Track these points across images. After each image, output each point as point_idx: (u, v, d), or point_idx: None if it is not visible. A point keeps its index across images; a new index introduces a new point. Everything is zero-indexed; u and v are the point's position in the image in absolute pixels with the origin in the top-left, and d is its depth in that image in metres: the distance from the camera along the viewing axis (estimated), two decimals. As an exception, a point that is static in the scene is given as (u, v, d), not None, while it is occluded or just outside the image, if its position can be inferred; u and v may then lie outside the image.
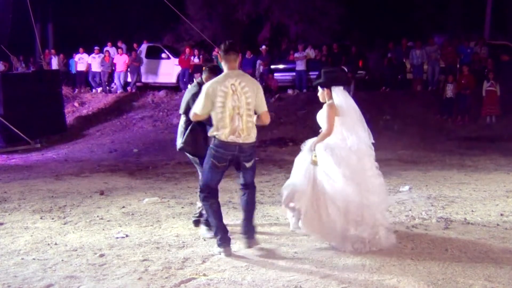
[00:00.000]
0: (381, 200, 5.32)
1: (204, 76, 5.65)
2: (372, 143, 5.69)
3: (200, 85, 5.53)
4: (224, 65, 5.10)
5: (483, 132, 14.50)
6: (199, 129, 5.50)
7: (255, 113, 5.11)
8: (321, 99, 5.50)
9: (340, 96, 5.37)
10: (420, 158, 11.49)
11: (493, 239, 5.42)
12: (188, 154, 5.83)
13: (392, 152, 12.31)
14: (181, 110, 5.73)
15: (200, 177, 5.43)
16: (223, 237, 5.06)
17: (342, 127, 5.41)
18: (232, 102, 4.91)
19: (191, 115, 5.17)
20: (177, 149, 5.82)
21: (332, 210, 5.10)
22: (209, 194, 5.12)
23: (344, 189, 5.11)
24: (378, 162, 5.58)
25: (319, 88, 5.53)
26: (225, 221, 5.23)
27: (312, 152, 5.30)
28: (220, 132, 4.93)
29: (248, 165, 5.11)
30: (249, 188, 5.22)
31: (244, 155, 5.04)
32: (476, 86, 15.74)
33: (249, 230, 5.18)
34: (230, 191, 7.85)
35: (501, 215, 6.43)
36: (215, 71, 5.55)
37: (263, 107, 5.13)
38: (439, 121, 15.70)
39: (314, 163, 5.24)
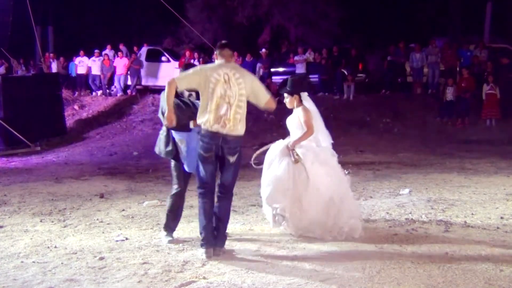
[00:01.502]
0: (352, 194, 6.03)
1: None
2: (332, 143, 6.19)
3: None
4: (219, 61, 5.13)
5: (483, 135, 14.50)
6: (167, 132, 5.44)
7: (260, 105, 5.22)
8: (289, 106, 5.86)
9: (308, 101, 5.84)
10: (420, 161, 11.48)
11: (493, 242, 5.41)
12: (172, 160, 5.59)
13: (392, 155, 12.32)
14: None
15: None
16: (207, 237, 5.03)
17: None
18: (221, 90, 4.92)
19: (168, 81, 4.96)
20: (162, 155, 5.60)
21: (316, 205, 5.53)
22: (205, 190, 5.07)
23: (329, 186, 5.59)
24: (379, 165, 5.66)
25: (285, 95, 5.85)
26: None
27: (293, 152, 5.59)
28: (205, 119, 4.93)
29: (231, 159, 5.03)
30: (226, 194, 5.14)
31: (228, 146, 4.99)
32: (476, 89, 15.76)
33: (220, 238, 5.12)
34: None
35: (501, 218, 6.42)
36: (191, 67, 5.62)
37: (265, 95, 5.18)
38: (439, 124, 15.71)
39: (297, 161, 5.54)
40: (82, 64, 20.49)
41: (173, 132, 5.44)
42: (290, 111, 5.95)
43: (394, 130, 15.34)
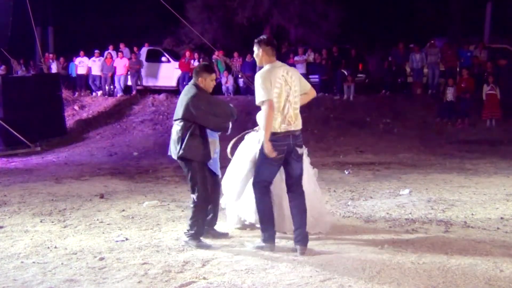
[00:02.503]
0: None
1: (200, 76, 5.50)
2: None
3: (197, 86, 5.48)
4: (265, 58, 5.22)
5: (483, 136, 14.50)
6: (199, 134, 5.38)
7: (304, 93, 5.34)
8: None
9: None
10: (420, 161, 11.49)
11: (493, 242, 5.41)
12: (180, 161, 5.50)
13: (392, 155, 12.32)
14: (179, 115, 5.40)
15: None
16: (271, 234, 5.19)
17: None
18: (285, 93, 5.06)
19: (266, 105, 4.93)
20: (174, 156, 5.49)
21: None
22: (267, 189, 5.19)
23: (310, 182, 5.82)
24: (379, 166, 5.67)
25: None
26: None
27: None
28: (273, 122, 4.99)
29: (300, 150, 5.18)
30: (298, 189, 5.21)
31: (297, 141, 5.15)
32: (476, 90, 15.76)
33: (303, 237, 5.14)
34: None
35: (501, 218, 6.43)
36: (209, 69, 5.64)
37: (308, 85, 5.42)
38: (439, 124, 15.71)
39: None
40: (82, 65, 20.50)
41: (210, 133, 5.50)
42: None
43: (394, 130, 15.34)
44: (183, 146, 5.35)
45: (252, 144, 5.78)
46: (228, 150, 6.11)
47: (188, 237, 5.47)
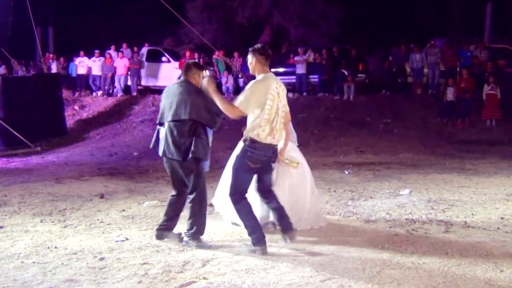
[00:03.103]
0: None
1: (195, 73, 5.44)
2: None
3: (191, 83, 5.41)
4: (258, 67, 5.18)
5: (483, 136, 14.51)
6: (203, 133, 5.35)
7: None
8: None
9: None
10: (420, 161, 11.49)
11: (493, 242, 5.41)
12: (184, 162, 5.34)
13: (392, 156, 12.33)
14: (184, 116, 5.25)
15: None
16: (258, 237, 5.17)
17: None
18: (275, 105, 5.09)
19: (231, 108, 5.01)
20: (184, 159, 5.29)
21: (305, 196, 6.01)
22: (242, 196, 5.21)
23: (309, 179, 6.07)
24: (379, 166, 5.72)
25: None
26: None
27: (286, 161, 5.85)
28: (260, 132, 5.04)
29: (273, 165, 5.37)
30: (271, 193, 5.38)
31: (275, 154, 5.27)
32: (476, 90, 15.76)
33: (290, 223, 5.36)
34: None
35: (502, 218, 6.43)
36: (200, 66, 5.63)
37: (287, 107, 5.43)
38: (439, 124, 15.71)
39: (295, 164, 5.85)
40: (83, 65, 20.51)
41: (208, 131, 5.48)
42: (291, 111, 5.96)
43: (394, 130, 15.34)
44: (195, 146, 5.24)
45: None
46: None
47: (188, 237, 5.46)
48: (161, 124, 5.54)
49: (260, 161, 5.11)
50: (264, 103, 5.01)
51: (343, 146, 13.79)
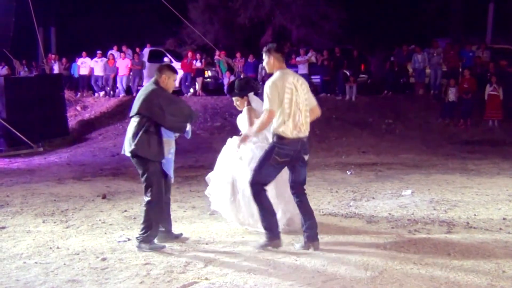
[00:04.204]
0: None
1: (164, 74, 5.43)
2: None
3: (157, 83, 5.40)
4: (274, 65, 5.27)
5: (486, 136, 14.49)
6: (154, 131, 5.26)
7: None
8: (241, 107, 6.11)
9: (255, 101, 6.07)
10: (422, 162, 11.48)
11: (496, 243, 5.40)
12: (134, 159, 5.34)
13: (394, 156, 12.32)
14: (136, 111, 5.30)
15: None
16: (273, 230, 5.26)
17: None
18: (295, 99, 5.11)
19: (266, 114, 5.07)
20: (126, 153, 5.37)
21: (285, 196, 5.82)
22: (262, 189, 5.25)
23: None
24: (381, 166, 5.69)
25: (236, 98, 6.12)
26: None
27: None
28: (285, 128, 5.08)
29: (306, 157, 5.29)
30: (303, 193, 5.32)
31: (305, 148, 5.24)
32: (478, 90, 15.74)
33: (314, 235, 5.26)
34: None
35: (504, 219, 6.41)
36: (174, 69, 5.61)
37: (314, 101, 5.41)
38: (441, 125, 15.70)
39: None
40: (85, 65, 20.52)
41: (165, 132, 5.37)
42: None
43: (396, 131, 15.33)
44: (135, 142, 5.22)
45: (232, 148, 5.93)
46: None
47: (139, 241, 5.35)
48: None
49: (289, 156, 5.15)
50: (283, 98, 5.08)
51: (345, 147, 13.79)
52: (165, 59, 20.31)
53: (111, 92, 20.35)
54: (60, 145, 15.59)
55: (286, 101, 5.08)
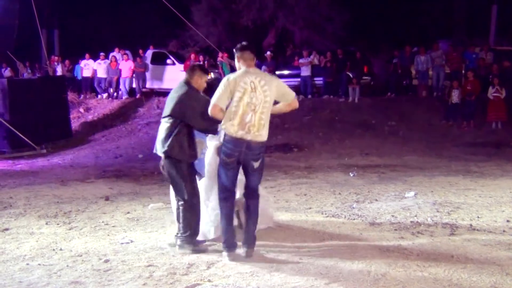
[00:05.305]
0: None
1: (195, 75, 5.45)
2: None
3: (189, 84, 5.41)
4: (241, 64, 5.18)
5: (489, 138, 14.45)
6: (187, 133, 5.27)
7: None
8: None
9: None
10: (426, 163, 11.46)
11: (499, 245, 5.39)
12: (166, 160, 5.33)
13: (397, 158, 12.30)
14: (168, 112, 5.32)
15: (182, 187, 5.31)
16: (228, 240, 5.08)
17: None
18: (248, 99, 4.97)
19: (210, 107, 4.97)
20: (158, 153, 5.37)
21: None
22: (226, 195, 5.12)
23: None
24: (384, 168, 5.66)
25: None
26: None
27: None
28: (229, 126, 4.97)
29: (256, 165, 5.07)
30: (253, 197, 5.18)
31: (252, 153, 5.03)
32: (481, 92, 15.72)
33: (249, 239, 5.13)
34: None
35: (507, 221, 6.40)
36: (205, 69, 5.61)
37: (290, 95, 5.22)
38: (444, 126, 15.67)
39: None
40: (88, 67, 20.57)
41: (197, 133, 5.40)
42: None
43: (399, 133, 15.31)
44: (168, 143, 5.23)
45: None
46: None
47: (182, 241, 5.34)
48: None
49: (233, 156, 5.00)
50: (233, 96, 4.97)
51: (348, 149, 13.77)
52: (168, 61, 20.35)
53: (114, 94, 20.39)
54: (63, 147, 15.61)
55: (235, 99, 4.96)
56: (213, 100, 4.99)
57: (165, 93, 19.65)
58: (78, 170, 11.86)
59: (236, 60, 5.27)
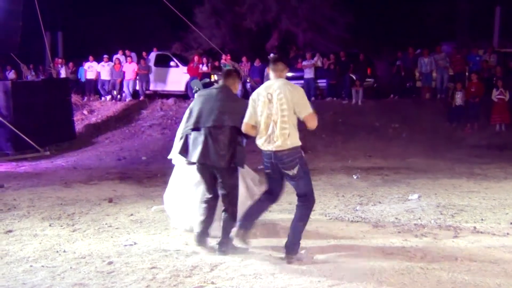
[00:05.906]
0: None
1: (235, 81, 5.51)
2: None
3: (229, 89, 5.46)
4: (271, 75, 5.28)
5: (493, 140, 14.43)
6: (240, 140, 5.33)
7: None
8: None
9: None
10: (429, 166, 11.44)
11: (503, 248, 5.38)
12: (223, 170, 5.27)
13: (400, 160, 12.28)
14: (234, 123, 5.23)
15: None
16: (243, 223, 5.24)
17: None
18: (267, 111, 5.03)
19: (243, 126, 5.15)
20: (216, 165, 5.24)
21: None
22: (266, 196, 5.33)
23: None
24: (387, 170, 5.66)
25: None
26: None
27: None
28: (258, 140, 5.11)
29: (290, 172, 5.03)
30: (303, 202, 5.14)
31: (281, 162, 5.01)
32: (485, 94, 15.69)
33: (291, 245, 5.09)
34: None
35: (511, 223, 6.38)
36: (240, 74, 5.69)
37: (303, 111, 5.02)
38: (448, 129, 15.64)
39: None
40: (91, 69, 20.59)
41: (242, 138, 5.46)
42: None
43: (403, 135, 15.29)
44: (231, 154, 5.22)
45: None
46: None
47: (224, 247, 5.32)
48: (195, 129, 5.36)
49: (267, 167, 5.14)
50: (257, 111, 5.09)
51: (352, 151, 13.76)
52: (171, 63, 20.37)
53: (118, 96, 20.42)
54: (67, 149, 15.63)
55: (259, 113, 5.07)
56: (245, 118, 5.15)
57: (168, 95, 19.71)
58: (81, 172, 11.88)
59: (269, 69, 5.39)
